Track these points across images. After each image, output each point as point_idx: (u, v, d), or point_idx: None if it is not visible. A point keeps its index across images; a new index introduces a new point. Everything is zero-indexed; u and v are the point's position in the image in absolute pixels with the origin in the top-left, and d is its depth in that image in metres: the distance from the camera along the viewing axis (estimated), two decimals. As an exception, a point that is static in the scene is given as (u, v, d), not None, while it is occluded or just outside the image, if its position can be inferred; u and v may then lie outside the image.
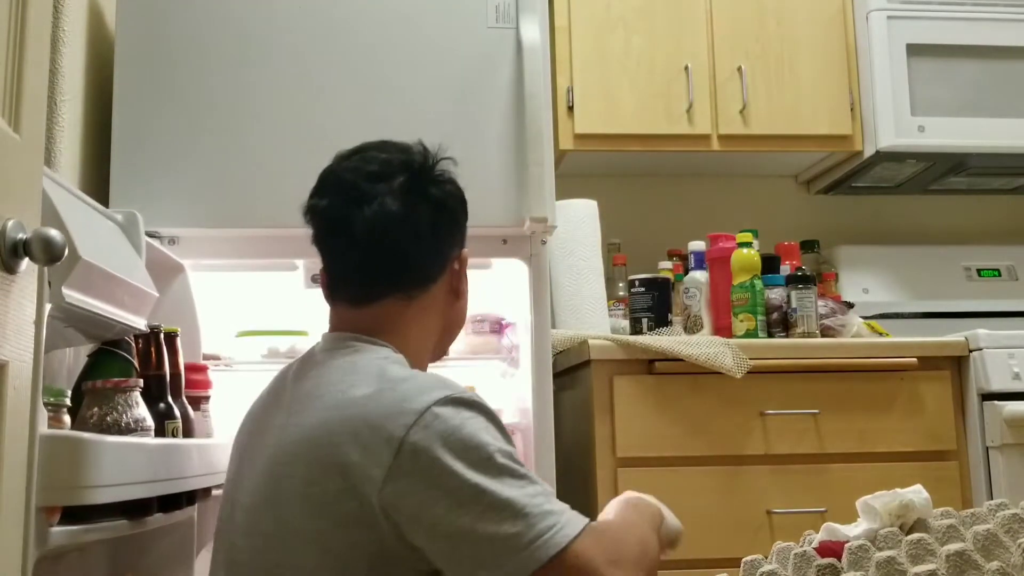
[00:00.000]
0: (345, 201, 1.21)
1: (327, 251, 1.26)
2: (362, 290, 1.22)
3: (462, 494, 0.99)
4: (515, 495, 1.00)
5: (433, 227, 1.23)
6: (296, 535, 1.05)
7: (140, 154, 1.93)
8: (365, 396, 1.07)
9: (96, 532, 1.12)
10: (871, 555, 1.09)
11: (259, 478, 1.12)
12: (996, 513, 1.17)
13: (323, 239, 1.25)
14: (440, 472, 1.00)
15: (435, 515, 1.00)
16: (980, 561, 1.04)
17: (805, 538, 1.28)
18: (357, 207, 1.19)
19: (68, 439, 1.00)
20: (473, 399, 1.08)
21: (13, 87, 0.85)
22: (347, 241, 1.20)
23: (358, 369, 1.13)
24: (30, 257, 0.83)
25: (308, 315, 2.24)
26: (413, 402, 1.04)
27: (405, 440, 1.01)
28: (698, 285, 2.30)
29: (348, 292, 1.24)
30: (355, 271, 1.23)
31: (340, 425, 1.05)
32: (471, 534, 0.98)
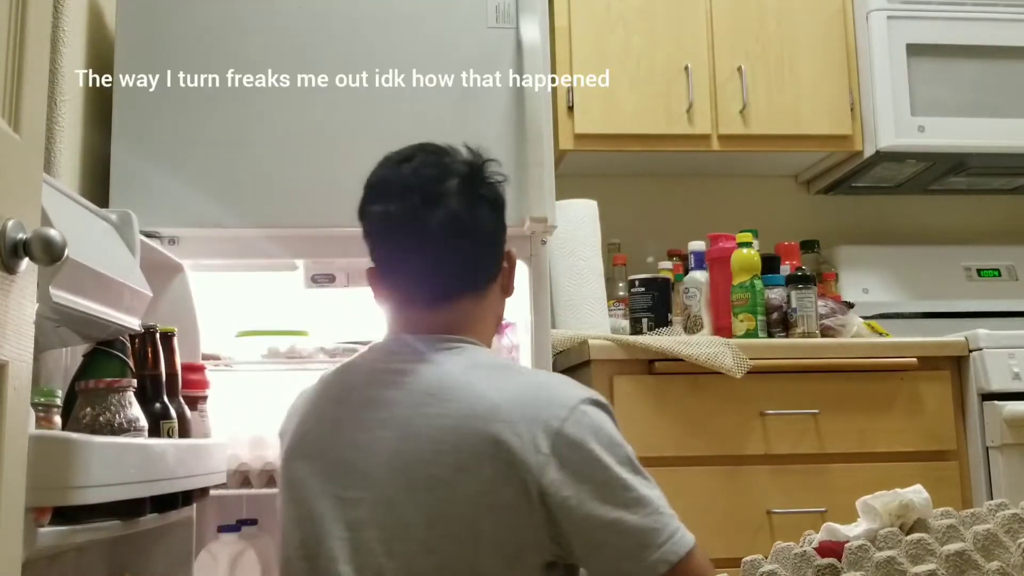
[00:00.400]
0: (418, 204, 1.22)
1: (398, 255, 1.26)
2: (439, 291, 1.25)
3: (611, 487, 1.07)
4: (652, 494, 1.09)
5: (494, 226, 1.27)
6: (456, 532, 1.09)
7: (140, 154, 1.92)
8: (512, 390, 1.12)
9: (86, 533, 1.12)
10: (871, 555, 1.09)
11: (392, 492, 1.12)
12: (996, 513, 1.17)
13: (394, 243, 1.25)
14: (593, 464, 1.08)
15: (586, 504, 1.06)
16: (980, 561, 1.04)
17: (805, 538, 1.28)
18: (429, 210, 1.21)
19: (56, 439, 1.00)
20: (608, 403, 1.16)
21: (13, 87, 0.85)
22: (422, 244, 1.22)
23: (481, 365, 1.19)
24: (30, 257, 0.83)
25: (308, 315, 2.24)
26: (563, 397, 1.12)
27: (560, 431, 1.08)
28: (698, 285, 2.30)
29: (423, 294, 1.25)
30: (432, 273, 1.24)
31: (491, 418, 1.10)
32: (617, 524, 1.06)
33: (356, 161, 1.98)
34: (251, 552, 1.99)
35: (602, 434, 1.10)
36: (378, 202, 1.26)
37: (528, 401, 1.11)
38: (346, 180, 1.98)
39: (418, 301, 1.25)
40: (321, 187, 1.98)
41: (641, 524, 1.06)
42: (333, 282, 2.12)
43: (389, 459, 1.13)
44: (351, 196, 1.98)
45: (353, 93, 2.00)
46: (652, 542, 1.05)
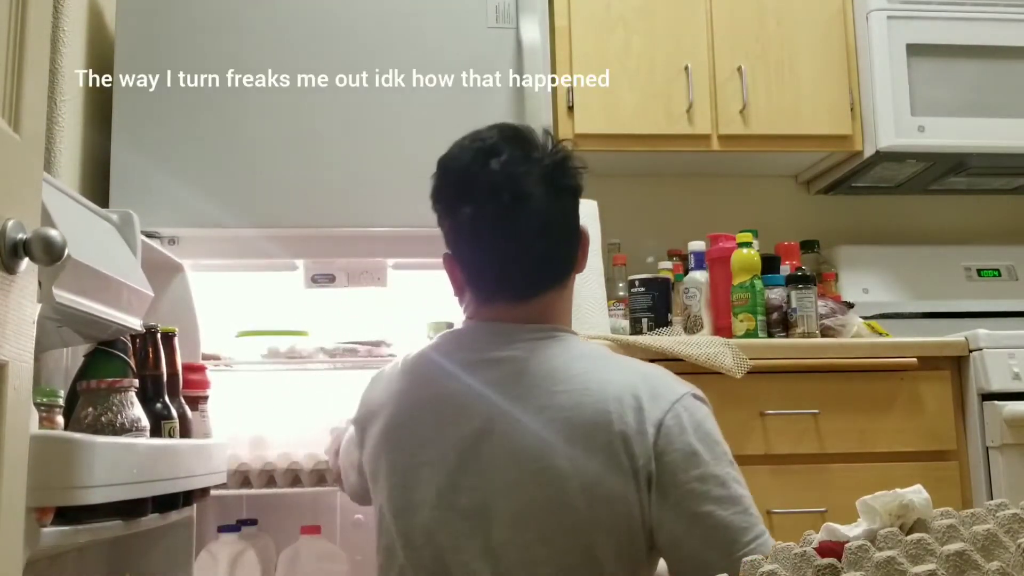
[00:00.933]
0: (508, 203, 1.21)
1: (488, 254, 1.26)
2: (530, 287, 1.26)
3: (707, 480, 1.11)
4: (744, 493, 1.14)
5: (577, 217, 1.29)
6: (572, 521, 1.11)
7: (140, 154, 1.93)
8: (619, 381, 1.16)
9: (88, 533, 1.12)
10: (871, 555, 1.09)
11: (505, 483, 1.13)
12: (996, 513, 1.16)
13: (484, 242, 1.25)
14: (691, 456, 1.12)
15: (681, 493, 1.11)
16: (980, 561, 1.04)
17: (805, 538, 1.27)
18: (520, 208, 1.21)
19: (58, 439, 1.00)
20: (706, 400, 1.20)
21: (13, 87, 0.85)
22: (512, 243, 1.23)
23: (585, 355, 1.22)
24: (30, 257, 0.83)
25: (308, 315, 2.24)
26: (667, 390, 1.17)
27: (663, 422, 1.13)
28: (698, 285, 2.30)
29: (513, 288, 1.26)
30: (521, 270, 1.25)
31: (601, 408, 1.13)
32: (710, 517, 1.10)
33: (356, 161, 2.00)
34: (251, 552, 1.99)
35: (702, 429, 1.14)
36: (466, 201, 1.24)
37: (635, 392, 1.15)
38: (346, 180, 1.99)
39: (507, 294, 1.26)
40: (321, 187, 1.98)
41: (731, 520, 1.10)
42: (333, 282, 2.12)
43: (502, 450, 1.14)
44: (351, 196, 2.00)
45: (353, 93, 2.00)
46: (739, 539, 1.09)
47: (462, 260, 1.27)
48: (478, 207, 1.22)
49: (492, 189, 1.22)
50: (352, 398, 1.41)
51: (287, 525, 2.16)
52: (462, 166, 1.26)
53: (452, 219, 1.26)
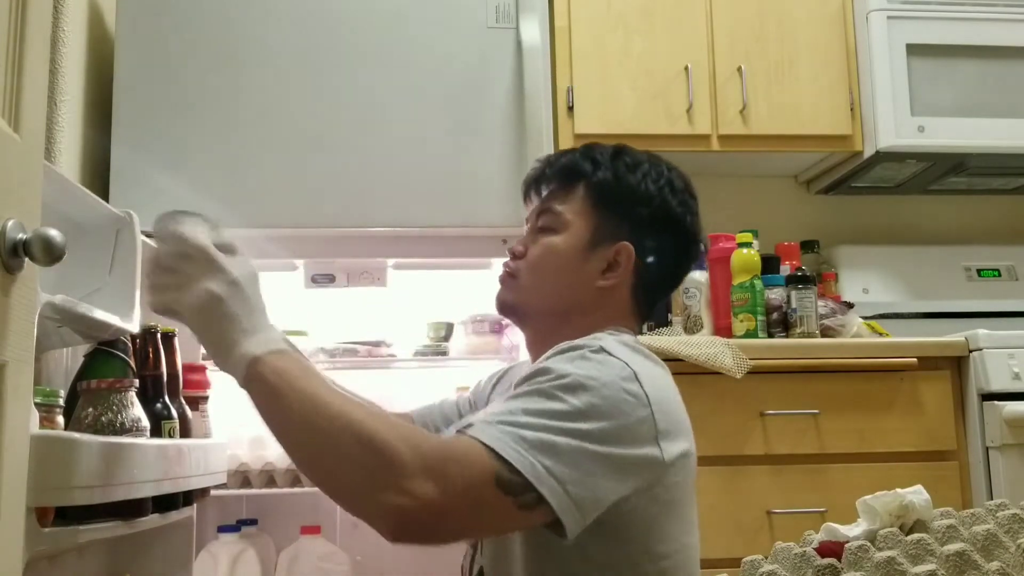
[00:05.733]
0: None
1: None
2: None
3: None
4: (516, 409, 1.06)
5: None
6: None
7: (140, 154, 1.93)
8: None
9: (88, 533, 1.12)
10: (871, 555, 1.09)
11: None
12: (996, 513, 1.16)
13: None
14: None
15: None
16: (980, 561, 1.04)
17: (805, 538, 1.27)
18: None
19: (58, 439, 1.00)
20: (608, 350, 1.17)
21: (13, 87, 0.85)
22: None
23: None
24: (30, 257, 0.83)
25: (308, 315, 2.24)
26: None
27: None
28: (698, 285, 2.30)
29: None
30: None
31: None
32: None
33: (356, 161, 2.00)
34: (251, 552, 1.99)
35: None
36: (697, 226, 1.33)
37: None
38: (346, 180, 1.99)
39: (645, 319, 1.33)
40: (321, 187, 1.98)
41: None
42: (333, 282, 2.12)
43: None
44: (351, 196, 2.00)
45: (353, 93, 2.00)
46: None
47: (664, 286, 1.31)
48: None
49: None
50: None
51: (287, 525, 2.16)
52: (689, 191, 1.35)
53: (695, 249, 1.33)
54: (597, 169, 1.25)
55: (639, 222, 1.24)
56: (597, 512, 1.00)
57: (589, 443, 0.98)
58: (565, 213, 1.24)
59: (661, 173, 1.28)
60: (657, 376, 1.11)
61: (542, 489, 0.94)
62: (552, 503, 0.95)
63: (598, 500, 0.99)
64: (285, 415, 0.95)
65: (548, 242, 1.24)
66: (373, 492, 0.90)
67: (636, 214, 1.24)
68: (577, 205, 1.24)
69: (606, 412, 1.00)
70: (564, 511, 0.95)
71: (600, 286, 1.21)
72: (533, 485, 0.94)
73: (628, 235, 1.23)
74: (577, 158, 1.27)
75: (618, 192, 1.24)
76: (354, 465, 0.91)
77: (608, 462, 1.00)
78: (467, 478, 0.92)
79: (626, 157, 1.27)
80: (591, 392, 1.01)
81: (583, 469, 0.97)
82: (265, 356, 0.98)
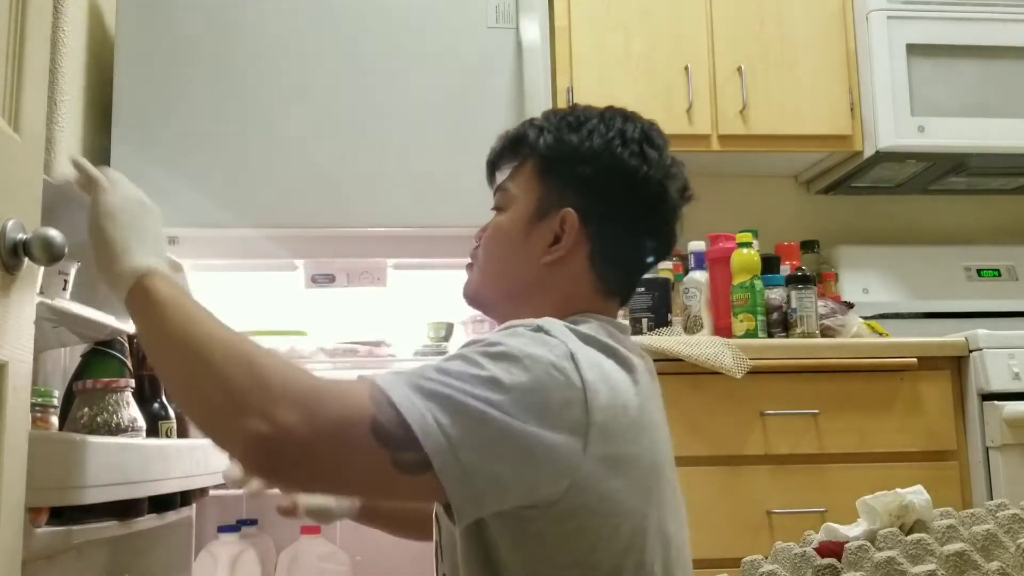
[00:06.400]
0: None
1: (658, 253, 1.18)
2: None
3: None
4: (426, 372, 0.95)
5: None
6: None
7: (140, 154, 1.93)
8: None
9: (84, 533, 1.12)
10: (871, 555, 1.09)
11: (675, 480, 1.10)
12: (996, 513, 1.17)
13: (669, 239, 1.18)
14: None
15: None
16: (980, 561, 1.04)
17: (805, 538, 1.27)
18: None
19: (54, 439, 1.00)
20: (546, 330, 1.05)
21: (13, 87, 0.85)
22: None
23: None
24: (30, 257, 0.83)
25: (308, 315, 2.24)
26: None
27: None
28: (698, 285, 2.30)
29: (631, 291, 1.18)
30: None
31: None
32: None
33: (356, 161, 2.00)
34: (251, 552, 1.99)
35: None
36: (680, 197, 1.16)
37: None
38: (346, 180, 1.99)
39: (627, 302, 1.18)
40: (321, 187, 1.98)
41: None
42: (333, 282, 2.12)
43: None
44: (351, 196, 2.00)
45: (353, 93, 2.00)
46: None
47: (626, 253, 1.13)
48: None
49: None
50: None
51: (287, 525, 2.15)
52: (675, 164, 1.19)
53: (657, 206, 1.14)
54: (540, 135, 1.13)
55: (584, 184, 1.09)
56: (498, 501, 0.88)
57: (498, 412, 0.85)
58: (511, 189, 1.14)
59: (612, 125, 1.14)
60: (610, 370, 0.97)
61: (426, 443, 0.82)
62: (435, 463, 0.82)
63: (497, 481, 0.86)
64: (163, 328, 0.92)
65: (494, 223, 1.15)
66: (235, 415, 0.82)
67: (581, 175, 1.10)
68: (524, 177, 1.13)
69: (527, 386, 0.88)
70: (449, 478, 0.82)
71: (547, 262, 1.09)
72: (417, 439, 0.82)
73: (574, 200, 1.09)
74: (524, 127, 1.16)
75: (561, 155, 1.11)
76: (223, 385, 0.84)
77: (515, 439, 0.86)
78: (338, 413, 0.83)
79: (571, 116, 1.14)
80: (514, 362, 0.89)
81: (483, 438, 0.84)
82: (154, 272, 0.98)
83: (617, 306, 1.14)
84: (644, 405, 1.00)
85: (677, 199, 1.15)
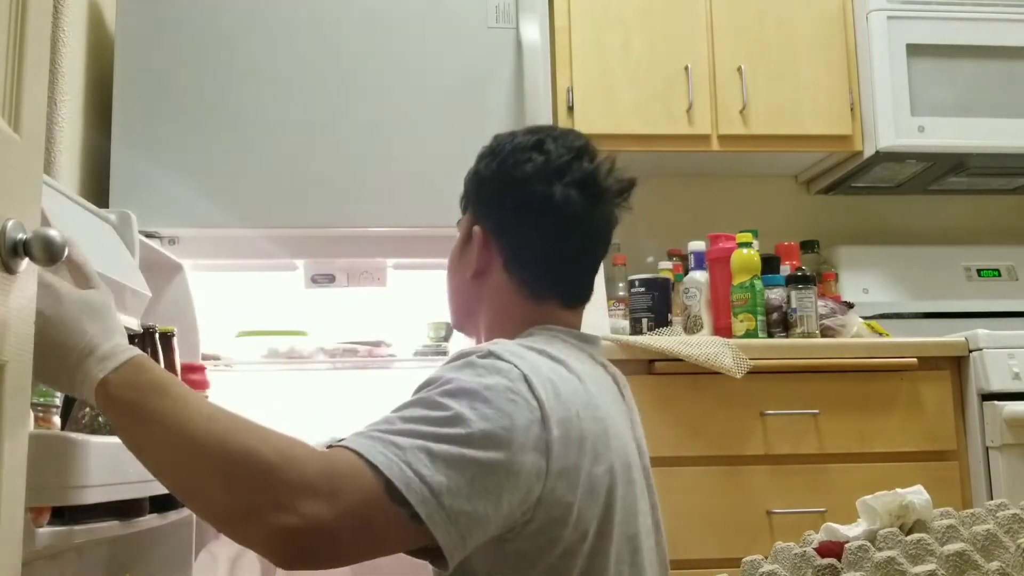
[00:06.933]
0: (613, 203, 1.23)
1: (597, 260, 1.24)
2: (588, 292, 1.25)
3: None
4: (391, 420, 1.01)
5: None
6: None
7: (140, 154, 1.93)
8: None
9: (85, 533, 1.12)
10: (871, 555, 1.09)
11: (645, 477, 1.17)
12: (996, 513, 1.16)
13: (603, 247, 1.24)
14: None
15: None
16: (980, 561, 1.04)
17: (805, 538, 1.27)
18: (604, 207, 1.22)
19: (54, 439, 1.00)
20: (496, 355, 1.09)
21: (13, 87, 0.85)
22: (596, 244, 1.23)
23: None
24: (30, 257, 0.83)
25: (308, 315, 2.24)
26: None
27: None
28: (698, 285, 2.30)
29: (583, 297, 1.24)
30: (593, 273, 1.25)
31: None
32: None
33: (356, 161, 2.00)
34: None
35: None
36: (580, 192, 1.16)
37: None
38: (346, 180, 2.00)
39: (575, 303, 1.22)
40: (321, 187, 1.98)
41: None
42: (333, 282, 2.13)
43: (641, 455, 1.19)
44: (351, 196, 2.00)
45: (353, 93, 2.01)
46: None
47: (546, 261, 1.18)
48: (594, 206, 1.19)
49: (609, 191, 1.22)
50: (351, 398, 1.42)
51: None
52: (585, 166, 1.19)
53: (601, 227, 1.21)
54: (470, 175, 1.24)
55: (486, 202, 1.20)
56: (479, 534, 0.92)
57: (468, 448, 0.90)
58: (457, 226, 1.25)
59: (512, 142, 1.20)
60: (559, 379, 1.02)
61: (410, 497, 0.86)
62: (422, 514, 0.86)
63: (478, 519, 0.90)
64: (147, 438, 0.89)
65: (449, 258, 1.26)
66: (259, 514, 0.83)
67: (483, 196, 1.21)
68: (464, 215, 1.25)
69: (489, 417, 0.92)
70: (437, 525, 0.87)
71: (468, 276, 1.19)
72: (406, 498, 0.86)
73: (483, 219, 1.19)
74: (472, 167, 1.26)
75: (473, 183, 1.23)
76: (234, 487, 0.84)
77: (490, 473, 0.90)
78: (356, 493, 0.86)
79: (488, 146, 1.23)
80: (472, 396, 0.93)
81: (462, 480, 0.89)
82: (111, 376, 0.88)
83: (560, 306, 1.19)
84: (598, 411, 1.05)
85: (575, 193, 1.16)
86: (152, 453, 0.90)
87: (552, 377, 1.01)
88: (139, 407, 0.88)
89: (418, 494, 0.86)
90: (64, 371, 0.90)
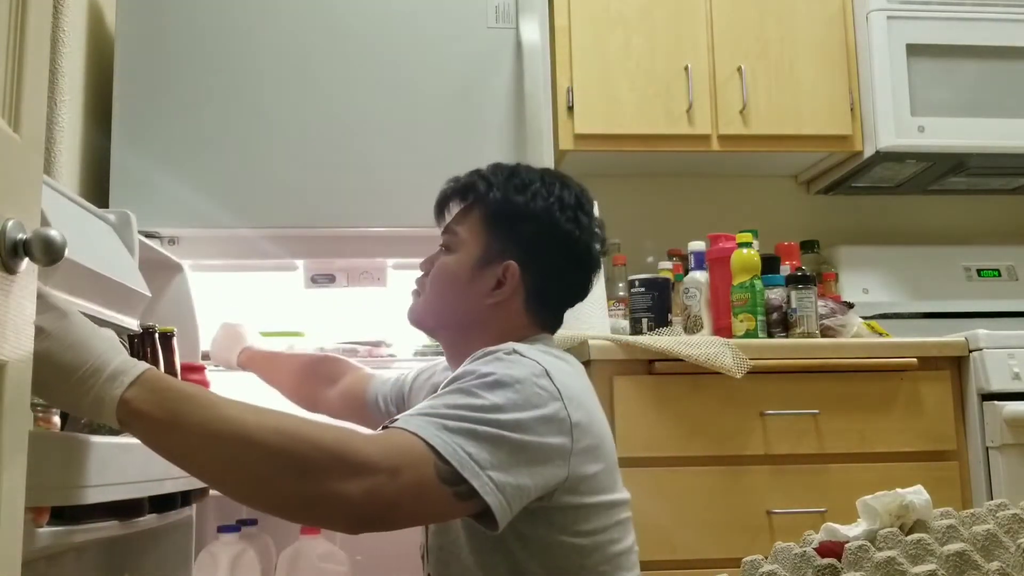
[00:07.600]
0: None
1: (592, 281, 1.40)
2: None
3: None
4: (443, 404, 1.15)
5: None
6: None
7: (140, 154, 1.93)
8: None
9: (85, 533, 1.12)
10: (871, 555, 1.09)
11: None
12: (996, 513, 1.16)
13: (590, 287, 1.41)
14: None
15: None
16: (980, 561, 1.04)
17: (805, 538, 1.27)
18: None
19: (55, 439, 1.00)
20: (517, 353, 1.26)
21: (13, 87, 0.85)
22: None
23: None
24: (30, 257, 0.83)
25: (308, 315, 2.24)
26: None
27: None
28: (698, 285, 2.30)
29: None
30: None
31: None
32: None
33: (357, 161, 2.00)
34: (251, 552, 1.98)
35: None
36: (599, 247, 1.39)
37: None
38: (346, 180, 2.00)
39: (550, 331, 1.38)
40: (321, 187, 1.98)
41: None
42: (333, 282, 2.13)
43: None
44: (351, 196, 2.00)
45: (353, 93, 2.01)
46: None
47: (568, 296, 1.37)
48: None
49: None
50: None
51: (287, 525, 2.15)
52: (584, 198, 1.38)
53: (587, 263, 1.37)
54: (490, 190, 1.32)
55: (526, 241, 1.30)
56: (523, 501, 1.08)
57: (507, 431, 1.06)
58: (461, 233, 1.33)
59: (552, 191, 1.32)
60: (568, 373, 1.21)
61: (465, 474, 1.01)
62: (476, 487, 1.01)
63: (520, 488, 1.07)
64: (193, 446, 0.93)
65: (442, 262, 1.34)
66: (333, 494, 0.94)
67: (523, 233, 1.31)
68: (471, 225, 1.33)
69: (522, 405, 1.09)
70: (489, 496, 1.02)
71: (489, 303, 1.30)
72: (460, 473, 1.01)
73: (515, 254, 1.30)
74: (475, 178, 1.35)
75: (507, 212, 1.31)
76: (306, 473, 0.93)
77: (526, 450, 1.08)
78: (414, 468, 0.99)
79: (516, 178, 1.33)
80: (507, 388, 1.10)
81: (503, 457, 1.05)
82: (130, 393, 0.90)
83: (549, 333, 1.38)
84: (595, 399, 1.27)
85: (598, 255, 1.38)
86: (202, 459, 0.95)
87: (564, 371, 1.20)
88: (175, 416, 0.92)
89: (470, 469, 1.02)
90: (71, 390, 0.91)
